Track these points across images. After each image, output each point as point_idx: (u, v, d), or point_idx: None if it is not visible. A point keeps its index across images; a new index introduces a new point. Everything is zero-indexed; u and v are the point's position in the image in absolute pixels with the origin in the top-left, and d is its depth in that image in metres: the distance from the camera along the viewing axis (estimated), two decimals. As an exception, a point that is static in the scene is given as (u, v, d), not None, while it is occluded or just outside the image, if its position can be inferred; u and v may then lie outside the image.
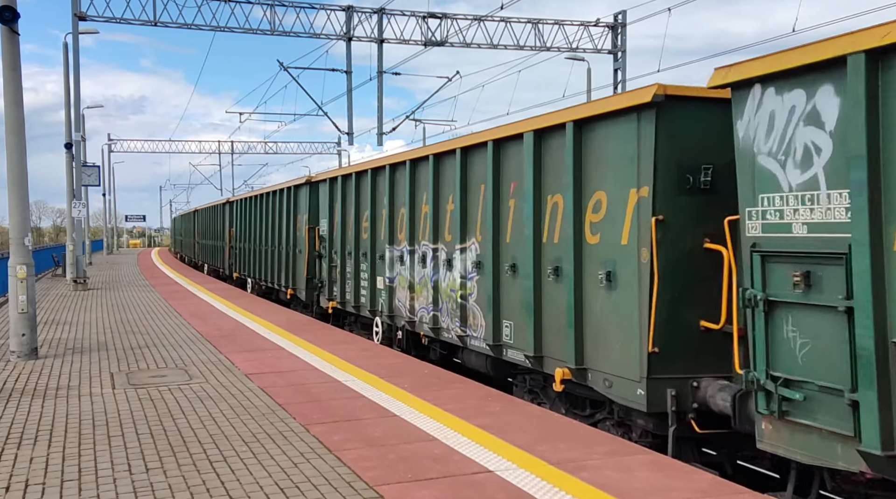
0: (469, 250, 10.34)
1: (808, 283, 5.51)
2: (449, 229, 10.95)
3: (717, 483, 5.55)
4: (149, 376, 9.81)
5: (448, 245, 10.95)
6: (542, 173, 8.63)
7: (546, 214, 8.62)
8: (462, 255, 10.49)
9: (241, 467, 5.99)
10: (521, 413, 7.64)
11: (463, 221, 10.49)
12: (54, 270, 34.82)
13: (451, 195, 10.82)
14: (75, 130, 26.04)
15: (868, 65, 5.04)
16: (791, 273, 5.61)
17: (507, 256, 9.41)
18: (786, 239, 5.71)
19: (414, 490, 5.41)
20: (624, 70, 29.92)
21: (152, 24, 26.41)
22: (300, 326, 14.69)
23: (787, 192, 5.71)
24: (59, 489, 5.53)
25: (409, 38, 28.73)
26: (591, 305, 7.84)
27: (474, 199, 10.22)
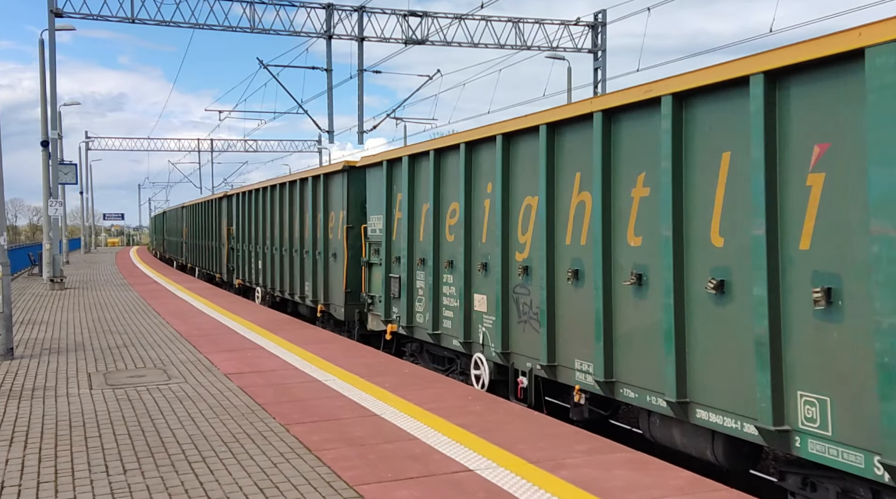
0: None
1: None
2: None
3: (695, 481, 5.59)
4: (127, 377, 9.74)
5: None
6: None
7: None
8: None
9: (220, 468, 5.96)
10: (502, 412, 7.66)
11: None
12: (31, 269, 34.46)
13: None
14: (52, 128, 25.77)
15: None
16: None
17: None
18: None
19: (394, 490, 5.41)
20: (604, 69, 30.05)
21: (130, 20, 26.19)
22: (280, 325, 14.64)
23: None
24: (36, 491, 5.48)
25: (390, 37, 28.69)
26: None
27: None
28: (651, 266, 6.81)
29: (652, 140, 6.74)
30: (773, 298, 5.49)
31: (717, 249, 6.08)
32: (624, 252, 7.16)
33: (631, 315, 7.06)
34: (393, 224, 12.20)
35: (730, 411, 5.96)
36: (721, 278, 6.00)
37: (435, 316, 10.69)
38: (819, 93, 5.31)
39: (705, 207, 6.20)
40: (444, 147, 10.52)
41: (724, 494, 5.32)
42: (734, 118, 5.95)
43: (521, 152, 8.82)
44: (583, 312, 7.67)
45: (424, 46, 29.14)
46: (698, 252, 6.27)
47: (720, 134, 6.09)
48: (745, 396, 5.80)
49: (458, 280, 10.11)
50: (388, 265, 12.27)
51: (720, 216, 6.05)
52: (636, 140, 7.01)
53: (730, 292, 5.95)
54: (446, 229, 10.52)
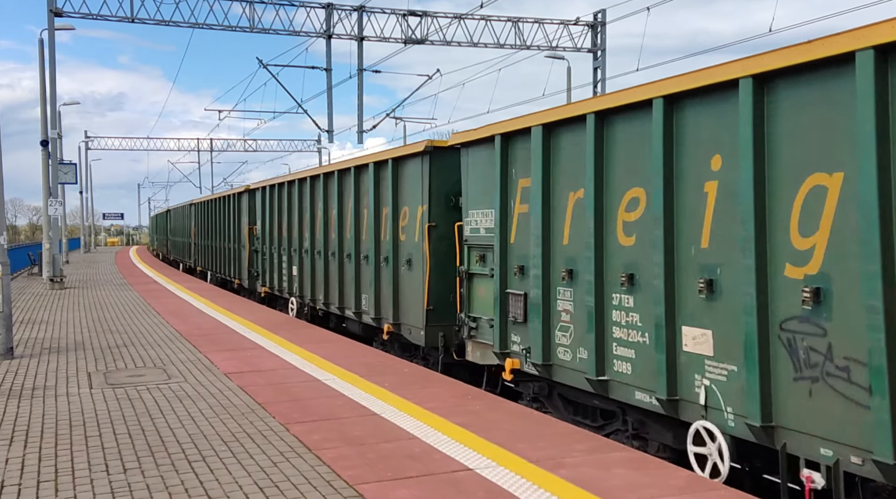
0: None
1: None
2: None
3: (694, 480, 5.60)
4: (127, 376, 9.75)
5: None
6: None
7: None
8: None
9: (220, 467, 5.97)
10: (501, 411, 7.67)
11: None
12: (30, 268, 34.47)
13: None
14: (51, 128, 25.77)
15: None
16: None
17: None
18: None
19: (394, 489, 5.42)
20: (604, 69, 30.07)
21: (129, 20, 26.19)
22: (280, 324, 14.64)
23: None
24: (36, 490, 5.49)
25: (390, 36, 28.70)
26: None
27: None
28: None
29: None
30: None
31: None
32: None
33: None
34: (511, 221, 9.03)
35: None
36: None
37: (599, 354, 7.49)
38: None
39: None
40: (613, 107, 7.25)
41: (723, 493, 5.33)
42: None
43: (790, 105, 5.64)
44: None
45: (424, 46, 29.16)
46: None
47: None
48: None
49: (643, 304, 6.97)
50: (503, 278, 9.12)
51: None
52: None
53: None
54: (618, 228, 7.31)
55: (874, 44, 4.94)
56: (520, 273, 8.80)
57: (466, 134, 9.95)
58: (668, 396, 6.59)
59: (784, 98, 5.66)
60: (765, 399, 5.70)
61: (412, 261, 11.68)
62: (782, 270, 5.61)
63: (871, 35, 4.96)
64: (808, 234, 5.45)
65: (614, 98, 7.28)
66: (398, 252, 12.18)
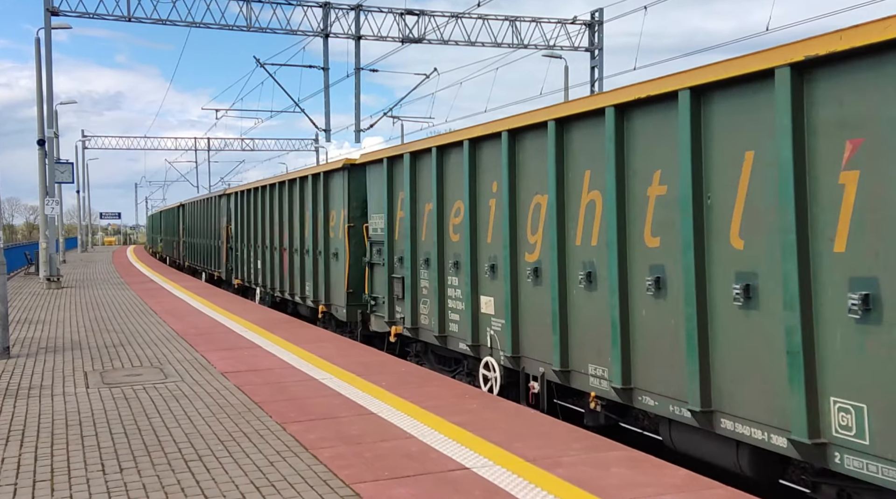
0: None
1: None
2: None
3: (691, 478, 5.60)
4: (123, 375, 9.73)
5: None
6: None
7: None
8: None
9: (217, 467, 5.96)
10: (498, 410, 7.66)
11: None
12: (27, 268, 34.43)
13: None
14: (48, 127, 25.73)
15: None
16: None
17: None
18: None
19: (390, 488, 5.41)
20: (601, 68, 30.08)
21: (126, 19, 26.16)
22: (277, 324, 14.63)
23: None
24: (31, 490, 5.47)
25: (387, 35, 28.69)
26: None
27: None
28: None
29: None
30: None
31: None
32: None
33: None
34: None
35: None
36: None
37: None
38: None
39: None
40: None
41: (721, 491, 5.33)
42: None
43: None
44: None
45: (421, 45, 29.15)
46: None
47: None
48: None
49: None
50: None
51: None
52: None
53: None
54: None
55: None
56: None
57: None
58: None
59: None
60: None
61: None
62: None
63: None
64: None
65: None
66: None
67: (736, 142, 5.89)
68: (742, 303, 5.79)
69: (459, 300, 10.03)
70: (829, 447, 5.19)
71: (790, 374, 5.34)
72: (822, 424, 5.24)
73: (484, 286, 9.41)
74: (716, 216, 6.07)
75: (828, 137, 5.20)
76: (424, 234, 10.86)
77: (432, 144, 10.44)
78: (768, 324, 5.62)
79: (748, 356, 5.81)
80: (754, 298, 5.73)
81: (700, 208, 6.16)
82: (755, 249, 5.73)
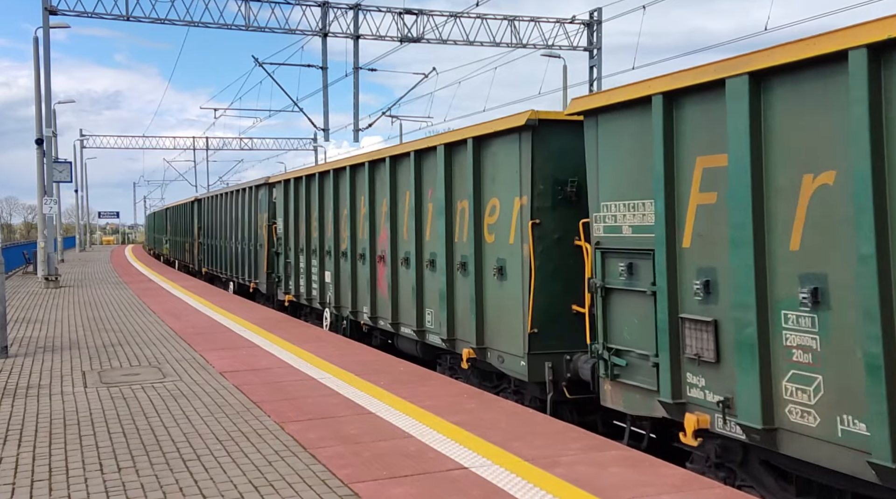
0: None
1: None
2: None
3: (689, 478, 5.60)
4: (121, 375, 9.72)
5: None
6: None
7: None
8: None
9: (215, 466, 5.95)
10: (497, 410, 7.66)
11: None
12: (25, 267, 34.39)
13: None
14: (46, 126, 25.70)
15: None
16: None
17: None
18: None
19: (389, 488, 5.41)
20: (599, 67, 30.08)
21: (125, 18, 26.13)
22: (276, 323, 14.62)
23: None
24: (30, 489, 5.47)
25: (385, 35, 28.67)
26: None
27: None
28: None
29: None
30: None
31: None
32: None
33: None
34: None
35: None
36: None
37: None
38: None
39: None
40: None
41: (719, 491, 5.33)
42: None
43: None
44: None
45: (420, 44, 29.14)
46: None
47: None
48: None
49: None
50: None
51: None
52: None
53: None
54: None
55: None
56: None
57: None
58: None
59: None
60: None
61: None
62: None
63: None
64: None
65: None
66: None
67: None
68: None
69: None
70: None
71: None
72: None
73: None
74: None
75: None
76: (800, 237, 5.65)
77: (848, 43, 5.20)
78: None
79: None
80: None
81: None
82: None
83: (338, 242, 14.70)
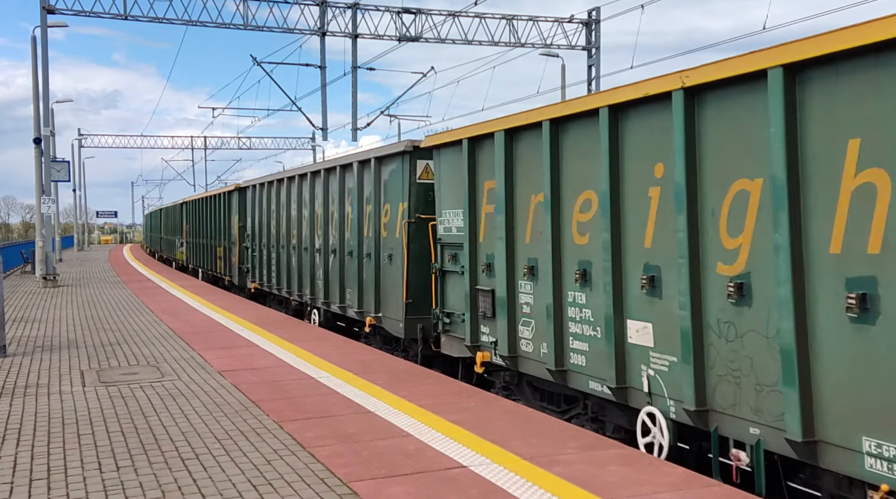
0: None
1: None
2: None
3: (688, 476, 5.60)
4: (120, 374, 9.71)
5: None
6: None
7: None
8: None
9: (214, 465, 5.95)
10: (495, 408, 7.66)
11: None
12: (23, 266, 34.34)
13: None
14: (44, 125, 25.67)
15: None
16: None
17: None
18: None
19: (388, 486, 5.41)
20: (598, 66, 30.08)
21: (122, 17, 26.11)
22: (274, 322, 14.62)
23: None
24: (28, 488, 5.46)
25: (384, 34, 28.66)
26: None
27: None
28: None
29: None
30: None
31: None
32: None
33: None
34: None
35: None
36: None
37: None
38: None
39: None
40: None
41: (718, 490, 5.33)
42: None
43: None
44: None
45: (418, 43, 29.12)
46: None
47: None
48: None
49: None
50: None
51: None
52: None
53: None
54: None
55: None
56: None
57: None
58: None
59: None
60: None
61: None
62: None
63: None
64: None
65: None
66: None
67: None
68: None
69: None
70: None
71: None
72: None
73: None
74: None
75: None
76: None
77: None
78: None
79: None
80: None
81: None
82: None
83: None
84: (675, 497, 5.17)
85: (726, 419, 6.03)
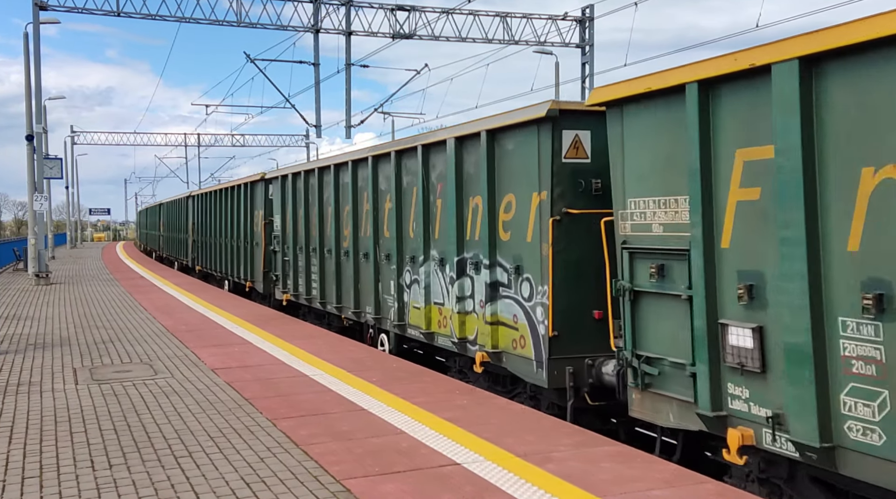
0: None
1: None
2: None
3: (680, 473, 5.62)
4: (113, 372, 9.69)
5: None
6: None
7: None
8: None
9: (207, 463, 5.95)
10: (489, 406, 7.67)
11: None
12: (16, 264, 34.21)
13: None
14: (37, 122, 25.56)
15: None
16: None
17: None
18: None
19: (381, 484, 5.41)
20: (592, 64, 30.10)
21: (115, 14, 26.01)
22: (267, 320, 14.60)
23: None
24: (20, 487, 5.45)
25: (378, 31, 28.62)
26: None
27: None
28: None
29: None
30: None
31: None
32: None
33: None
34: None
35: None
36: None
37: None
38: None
39: None
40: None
41: (710, 486, 5.35)
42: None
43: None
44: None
45: (412, 41, 29.08)
46: None
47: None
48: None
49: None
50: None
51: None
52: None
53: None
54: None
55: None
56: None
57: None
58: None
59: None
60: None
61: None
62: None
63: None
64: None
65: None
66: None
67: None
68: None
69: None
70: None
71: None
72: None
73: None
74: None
75: None
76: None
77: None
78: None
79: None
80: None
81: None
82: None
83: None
84: (668, 494, 5.19)
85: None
